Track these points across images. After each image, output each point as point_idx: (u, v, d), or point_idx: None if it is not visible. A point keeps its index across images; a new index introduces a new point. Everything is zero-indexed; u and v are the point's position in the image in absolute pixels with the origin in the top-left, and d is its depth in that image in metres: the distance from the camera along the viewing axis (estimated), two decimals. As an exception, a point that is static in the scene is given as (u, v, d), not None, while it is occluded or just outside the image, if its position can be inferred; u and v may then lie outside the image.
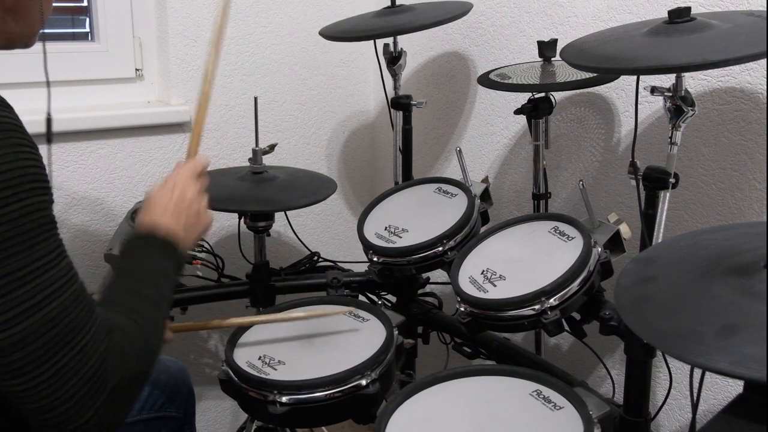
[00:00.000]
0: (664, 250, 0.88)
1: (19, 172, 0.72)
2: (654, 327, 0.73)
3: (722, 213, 1.34)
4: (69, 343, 0.76)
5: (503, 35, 1.73)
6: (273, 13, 1.94)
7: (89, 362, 0.77)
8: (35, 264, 0.74)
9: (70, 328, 0.76)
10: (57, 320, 0.75)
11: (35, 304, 0.73)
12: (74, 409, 0.76)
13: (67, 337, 0.76)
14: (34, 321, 0.73)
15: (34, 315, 0.73)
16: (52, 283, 0.75)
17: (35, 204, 0.74)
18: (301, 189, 1.61)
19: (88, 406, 0.77)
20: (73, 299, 0.77)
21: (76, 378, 0.76)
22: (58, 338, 0.75)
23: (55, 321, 0.75)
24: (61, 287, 0.76)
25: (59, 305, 0.75)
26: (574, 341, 1.61)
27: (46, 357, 0.74)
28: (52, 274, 0.75)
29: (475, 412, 1.08)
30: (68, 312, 0.76)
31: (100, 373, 0.78)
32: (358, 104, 2.17)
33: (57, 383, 0.75)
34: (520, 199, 1.76)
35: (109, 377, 0.79)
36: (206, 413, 2.04)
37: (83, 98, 1.77)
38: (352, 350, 1.24)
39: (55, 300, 0.75)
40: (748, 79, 1.28)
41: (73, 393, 0.76)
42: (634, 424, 1.14)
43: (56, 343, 0.75)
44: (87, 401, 0.77)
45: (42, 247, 0.75)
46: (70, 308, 0.76)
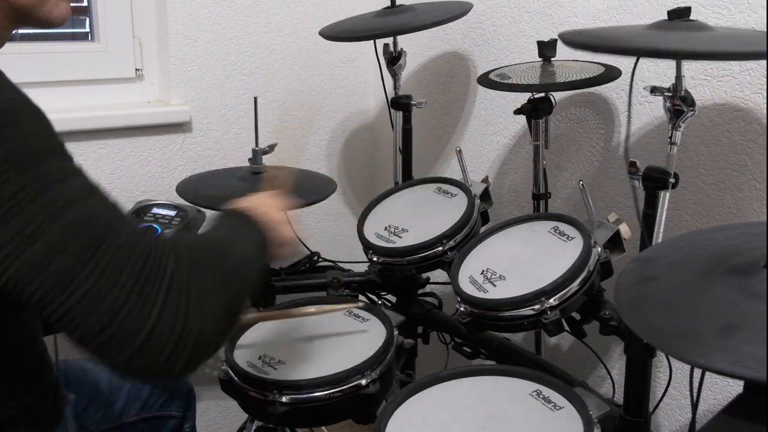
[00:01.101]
0: (664, 250, 0.88)
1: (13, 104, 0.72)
2: (654, 327, 0.73)
3: (722, 213, 1.34)
4: (105, 240, 0.70)
5: (503, 35, 1.73)
6: (273, 13, 1.94)
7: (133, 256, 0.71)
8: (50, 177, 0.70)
9: (103, 227, 0.71)
10: (86, 222, 0.70)
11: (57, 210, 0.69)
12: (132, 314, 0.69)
13: (102, 235, 0.70)
14: (61, 225, 0.69)
15: (59, 221, 0.69)
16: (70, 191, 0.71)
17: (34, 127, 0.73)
18: (301, 189, 1.61)
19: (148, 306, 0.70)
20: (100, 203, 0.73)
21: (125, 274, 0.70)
22: (92, 239, 0.70)
23: (84, 223, 0.70)
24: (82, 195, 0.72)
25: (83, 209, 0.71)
26: (574, 341, 1.61)
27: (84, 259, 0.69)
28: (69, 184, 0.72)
29: (475, 412, 1.08)
30: (99, 214, 0.72)
31: (148, 266, 0.71)
32: (358, 104, 2.17)
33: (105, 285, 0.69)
34: (520, 199, 1.76)
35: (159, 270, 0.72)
36: (206, 413, 2.04)
37: (83, 98, 1.77)
38: (352, 350, 1.24)
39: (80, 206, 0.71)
40: (748, 79, 1.28)
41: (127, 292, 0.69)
42: (634, 424, 1.14)
43: (92, 244, 0.69)
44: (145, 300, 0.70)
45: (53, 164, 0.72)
46: (97, 210, 0.72)
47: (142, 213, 1.60)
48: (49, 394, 0.98)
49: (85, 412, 1.20)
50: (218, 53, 1.88)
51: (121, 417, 1.24)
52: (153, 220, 1.59)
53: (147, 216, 1.60)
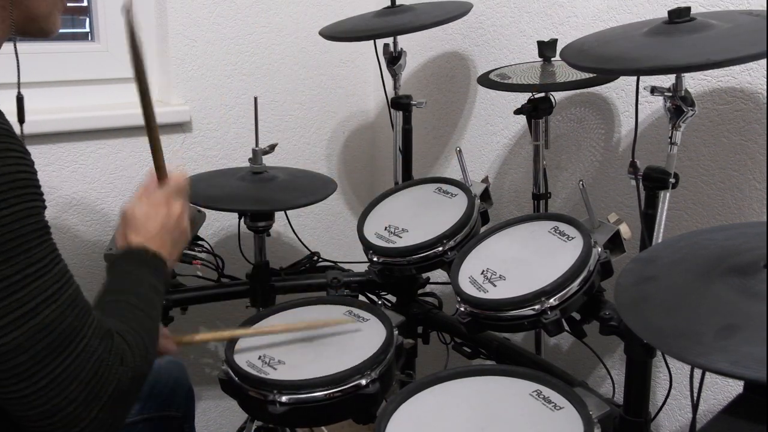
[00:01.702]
0: (664, 250, 0.88)
1: (9, 177, 0.72)
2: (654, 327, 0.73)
3: (722, 213, 1.34)
4: (67, 348, 0.75)
5: (503, 35, 1.73)
6: (273, 13, 1.94)
7: (87, 366, 0.77)
8: (29, 270, 0.73)
9: (67, 333, 0.75)
10: (53, 326, 0.74)
11: (30, 310, 0.73)
12: (74, 414, 0.76)
13: (65, 342, 0.75)
14: (30, 327, 0.73)
15: (29, 321, 0.73)
16: (46, 288, 0.74)
17: (26, 210, 0.73)
18: (301, 189, 1.61)
19: (89, 410, 0.77)
20: (69, 303, 0.77)
21: (76, 382, 0.76)
22: (55, 344, 0.74)
23: (51, 327, 0.74)
24: (56, 292, 0.75)
25: (55, 310, 0.75)
26: (574, 341, 1.61)
27: (44, 363, 0.74)
28: (46, 279, 0.75)
29: (475, 412, 1.08)
30: (64, 317, 0.76)
31: (99, 376, 0.78)
32: (358, 104, 2.17)
33: (56, 389, 0.75)
34: (520, 199, 1.76)
35: (108, 380, 0.78)
36: (206, 413, 2.04)
37: (83, 98, 1.77)
38: (352, 350, 1.23)
39: (51, 305, 0.74)
40: (748, 79, 1.28)
41: (74, 398, 0.76)
42: (634, 424, 1.14)
43: (54, 349, 0.74)
44: (87, 405, 0.77)
45: (35, 252, 0.74)
46: (66, 313, 0.76)
47: (142, 213, 1.60)
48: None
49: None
50: (218, 53, 1.88)
51: (120, 417, 1.24)
52: (153, 220, 1.59)
53: (147, 216, 1.60)
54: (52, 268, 0.76)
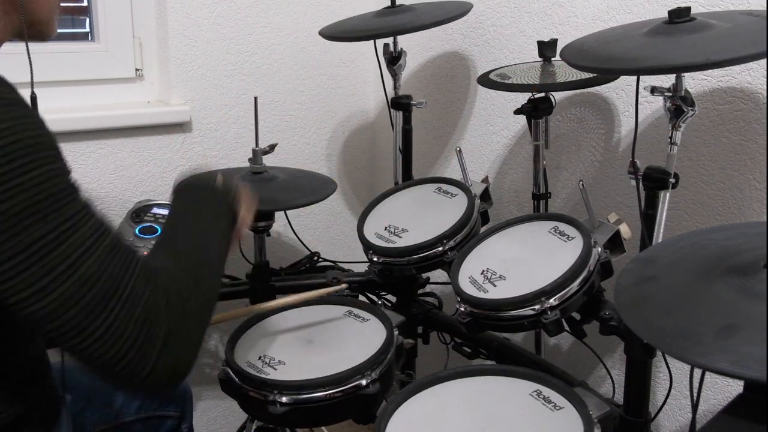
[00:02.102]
0: (664, 250, 0.88)
1: (31, 141, 0.73)
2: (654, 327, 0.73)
3: (722, 213, 1.34)
4: (114, 295, 0.77)
5: (503, 35, 1.73)
6: (273, 13, 1.94)
7: (137, 309, 0.78)
8: (63, 226, 0.74)
9: (111, 280, 0.77)
10: (96, 276, 0.76)
11: (71, 265, 0.74)
12: (136, 359, 0.77)
13: (111, 289, 0.76)
14: (74, 281, 0.74)
15: (72, 275, 0.74)
16: (83, 241, 0.76)
17: (53, 170, 0.75)
18: (301, 189, 1.61)
19: (149, 354, 0.78)
20: (108, 252, 0.78)
21: (130, 327, 0.77)
22: (102, 292, 0.76)
23: (94, 277, 0.76)
24: (93, 244, 0.76)
25: (95, 261, 0.76)
26: (574, 341, 1.61)
27: (95, 314, 0.75)
28: (82, 233, 0.76)
29: (475, 412, 1.08)
30: (106, 266, 0.77)
31: (151, 316, 0.79)
32: (358, 104, 2.17)
33: (112, 337, 0.76)
34: (520, 199, 1.76)
35: (161, 319, 0.79)
36: (206, 413, 2.04)
37: (83, 98, 1.77)
38: (352, 350, 1.24)
39: (90, 257, 0.76)
40: (748, 79, 1.28)
41: (132, 342, 0.77)
42: (634, 424, 1.14)
43: (102, 298, 0.76)
44: (147, 347, 0.78)
45: (67, 209, 0.75)
46: (106, 262, 0.77)
47: (142, 213, 1.60)
48: (48, 396, 0.98)
49: (83, 412, 1.20)
50: (218, 53, 1.88)
51: (118, 417, 1.24)
52: (153, 220, 1.59)
53: (147, 216, 1.60)
54: (86, 222, 0.77)
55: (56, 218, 0.74)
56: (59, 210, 0.74)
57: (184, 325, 0.83)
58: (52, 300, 0.73)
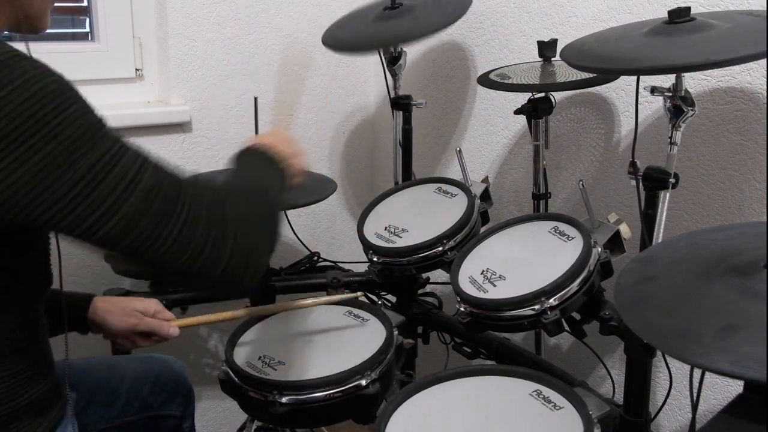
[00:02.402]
0: (664, 250, 0.88)
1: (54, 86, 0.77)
2: (654, 327, 0.73)
3: (722, 213, 1.34)
4: (178, 199, 0.82)
5: (503, 35, 1.73)
6: (273, 13, 1.94)
7: (202, 209, 0.83)
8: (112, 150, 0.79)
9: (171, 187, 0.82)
10: (157, 186, 0.81)
11: (132, 178, 0.79)
12: (213, 254, 0.83)
13: (173, 195, 0.82)
14: (138, 194, 0.79)
15: (135, 189, 0.79)
16: (135, 160, 0.80)
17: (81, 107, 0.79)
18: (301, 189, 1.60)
19: (224, 246, 0.83)
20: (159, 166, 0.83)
21: (201, 224, 0.82)
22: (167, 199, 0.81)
23: (155, 188, 0.80)
24: (144, 161, 0.81)
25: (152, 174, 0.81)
26: (574, 341, 1.61)
27: (167, 218, 0.81)
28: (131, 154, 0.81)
29: (475, 412, 1.08)
30: (162, 176, 0.82)
31: (214, 214, 0.84)
32: (358, 104, 2.17)
33: (187, 236, 0.81)
34: (520, 199, 1.76)
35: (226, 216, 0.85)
36: (206, 413, 2.04)
37: (83, 98, 1.77)
38: (352, 350, 1.24)
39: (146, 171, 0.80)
40: (748, 79, 1.28)
41: (205, 238, 0.82)
42: (634, 424, 1.14)
43: (169, 203, 0.81)
44: (221, 242, 0.83)
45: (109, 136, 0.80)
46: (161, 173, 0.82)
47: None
48: (50, 391, 0.99)
49: (85, 411, 1.20)
50: (218, 53, 1.88)
51: (120, 416, 1.25)
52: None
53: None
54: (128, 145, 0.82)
55: (102, 145, 0.78)
56: (102, 138, 0.79)
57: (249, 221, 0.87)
58: (122, 215, 0.78)
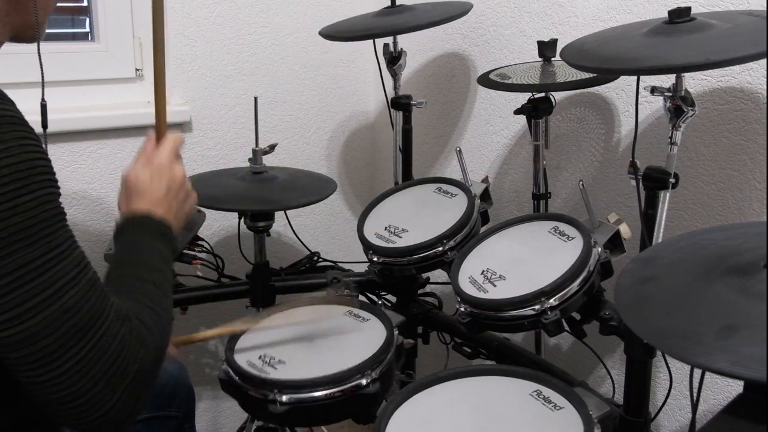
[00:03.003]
0: (664, 250, 0.88)
1: (27, 165, 0.73)
2: (654, 327, 0.73)
3: (722, 213, 1.34)
4: (89, 331, 0.76)
5: (503, 35, 1.73)
6: (273, 13, 1.94)
7: (110, 348, 0.77)
8: (50, 254, 0.74)
9: (89, 316, 0.76)
10: (75, 309, 0.75)
11: (53, 293, 0.74)
12: (99, 396, 0.76)
13: (87, 325, 0.76)
14: (54, 310, 0.73)
15: (53, 304, 0.73)
16: (68, 272, 0.75)
17: (45, 195, 0.74)
18: (301, 189, 1.61)
19: (113, 392, 0.77)
20: (89, 287, 0.77)
21: (100, 364, 0.76)
22: (79, 325, 0.75)
23: (73, 310, 0.75)
24: (77, 276, 0.76)
25: (76, 294, 0.75)
26: (574, 341, 1.61)
27: (67, 346, 0.74)
28: (67, 263, 0.75)
29: (475, 412, 1.08)
30: (86, 300, 0.76)
31: (122, 357, 0.78)
32: (358, 104, 2.17)
33: (81, 371, 0.75)
34: (520, 199, 1.76)
35: (131, 361, 0.79)
36: (206, 413, 2.04)
37: (83, 98, 1.77)
38: (352, 350, 1.23)
39: (72, 289, 0.75)
40: (748, 79, 1.28)
41: (98, 379, 0.76)
42: (634, 424, 1.14)
43: (77, 332, 0.75)
44: (111, 387, 0.77)
45: (55, 237, 0.75)
46: (87, 296, 0.76)
47: (142, 213, 1.60)
48: None
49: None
50: (218, 53, 1.88)
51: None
52: (153, 220, 1.59)
53: (147, 216, 1.60)
54: (71, 252, 0.77)
55: (44, 245, 0.73)
56: (47, 237, 0.74)
57: (151, 365, 0.82)
58: (30, 326, 0.72)
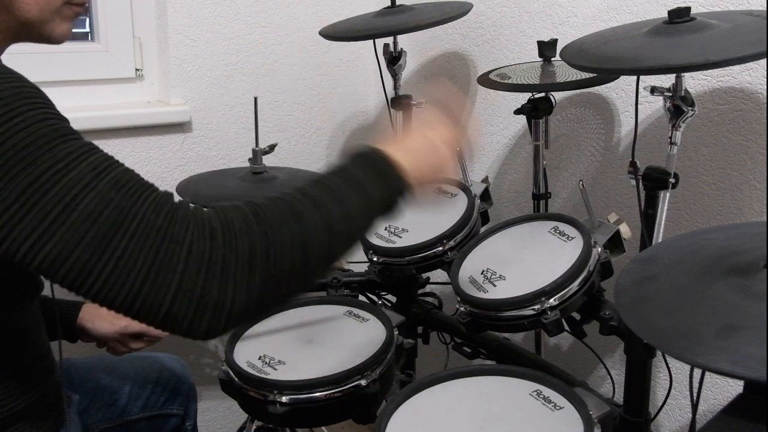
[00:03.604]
0: (664, 250, 0.88)
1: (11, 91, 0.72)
2: (654, 327, 0.73)
3: (722, 213, 1.34)
4: (119, 230, 0.71)
5: (503, 35, 1.73)
6: (273, 13, 1.94)
7: (147, 243, 0.72)
8: (56, 166, 0.71)
9: (114, 215, 0.72)
10: (96, 212, 0.71)
11: (68, 204, 0.70)
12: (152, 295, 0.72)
13: (114, 224, 0.71)
14: (73, 221, 0.70)
15: (71, 215, 0.70)
16: (80, 179, 0.72)
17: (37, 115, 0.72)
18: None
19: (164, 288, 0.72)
20: (111, 186, 0.73)
21: (140, 262, 0.71)
22: (104, 229, 0.71)
23: (94, 214, 0.71)
24: (93, 179, 0.72)
25: (94, 198, 0.72)
26: (574, 341, 1.61)
27: (99, 251, 0.71)
28: (79, 170, 0.72)
29: (475, 412, 1.08)
30: (108, 201, 0.72)
31: (163, 250, 0.72)
32: (358, 104, 2.17)
33: (122, 275, 0.71)
34: (520, 199, 1.76)
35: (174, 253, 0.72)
36: (206, 413, 2.04)
37: (83, 98, 1.77)
38: (352, 350, 1.23)
39: (88, 194, 0.72)
40: (748, 79, 1.28)
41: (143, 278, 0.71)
42: (634, 424, 1.14)
43: (104, 234, 0.71)
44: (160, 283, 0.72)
45: (59, 150, 0.72)
46: (108, 196, 0.72)
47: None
48: (52, 393, 0.99)
49: (87, 411, 1.20)
50: (218, 53, 1.88)
51: (123, 416, 1.25)
52: (153, 220, 1.59)
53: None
54: (84, 159, 0.73)
55: (47, 160, 0.71)
56: (50, 152, 0.71)
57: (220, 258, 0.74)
58: (54, 244, 0.70)
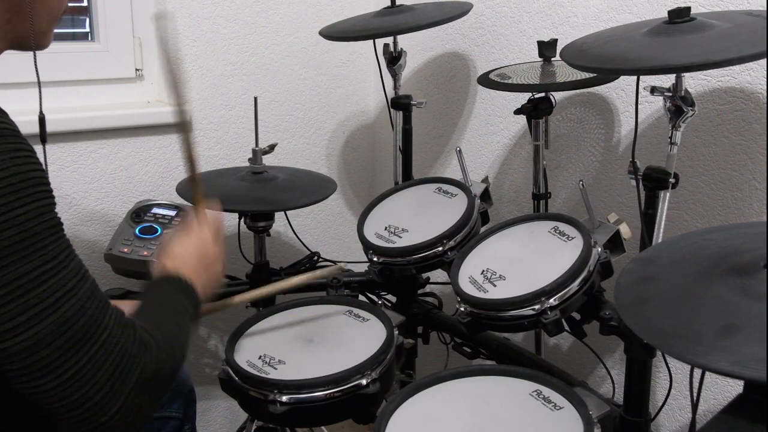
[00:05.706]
0: (664, 250, 0.88)
1: (20, 177, 0.73)
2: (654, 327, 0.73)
3: (722, 213, 1.34)
4: (90, 339, 0.76)
5: (503, 35, 1.73)
6: (273, 13, 1.94)
7: (111, 354, 0.77)
8: (46, 266, 0.74)
9: (89, 324, 0.76)
10: (75, 318, 0.75)
11: (51, 305, 0.74)
12: (102, 402, 0.76)
13: (88, 333, 0.76)
14: (52, 321, 0.74)
15: (50, 315, 0.74)
16: (65, 283, 0.75)
17: (40, 207, 0.75)
18: (301, 189, 1.61)
19: (116, 398, 0.77)
20: (88, 296, 0.77)
21: (101, 371, 0.76)
22: (78, 335, 0.75)
23: (73, 319, 0.75)
24: (75, 286, 0.76)
25: (75, 304, 0.76)
26: (574, 341, 1.61)
27: (68, 355, 0.75)
28: (65, 274, 0.76)
29: (475, 412, 1.08)
30: (85, 309, 0.76)
31: (123, 364, 0.78)
32: (358, 104, 2.17)
33: (82, 378, 0.75)
34: (520, 199, 1.76)
35: (132, 368, 0.79)
36: (206, 413, 2.04)
37: (83, 98, 1.77)
38: (352, 350, 1.24)
39: (70, 299, 0.75)
40: (748, 79, 1.28)
41: (100, 386, 0.76)
42: (634, 424, 1.15)
43: (77, 341, 0.75)
44: (114, 393, 0.77)
45: (51, 249, 0.75)
46: (86, 305, 0.77)
47: (142, 213, 1.60)
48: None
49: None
50: (218, 53, 1.88)
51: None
52: (153, 220, 1.59)
53: (147, 216, 1.60)
54: (68, 263, 0.77)
55: (39, 257, 0.73)
56: (43, 249, 0.74)
57: (154, 374, 0.82)
58: (27, 338, 0.73)
